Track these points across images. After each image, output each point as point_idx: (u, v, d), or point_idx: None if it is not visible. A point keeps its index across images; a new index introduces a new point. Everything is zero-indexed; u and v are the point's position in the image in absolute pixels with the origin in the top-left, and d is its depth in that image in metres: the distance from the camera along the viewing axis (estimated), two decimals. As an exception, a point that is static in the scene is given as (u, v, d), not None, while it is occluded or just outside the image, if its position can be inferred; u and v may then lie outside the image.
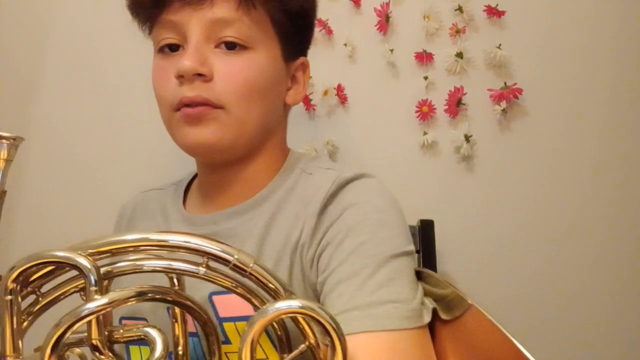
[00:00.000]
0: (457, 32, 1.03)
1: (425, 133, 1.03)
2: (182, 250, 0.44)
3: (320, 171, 0.65)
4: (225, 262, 0.44)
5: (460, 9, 1.02)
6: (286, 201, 0.64)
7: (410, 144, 1.05)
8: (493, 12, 1.02)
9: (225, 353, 0.58)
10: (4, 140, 0.50)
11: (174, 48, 0.61)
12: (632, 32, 1.01)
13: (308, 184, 0.63)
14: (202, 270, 0.45)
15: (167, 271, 0.46)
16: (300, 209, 0.61)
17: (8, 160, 0.50)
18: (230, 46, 0.60)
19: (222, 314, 0.59)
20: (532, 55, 1.02)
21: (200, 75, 0.58)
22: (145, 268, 0.46)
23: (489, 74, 1.03)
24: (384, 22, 1.05)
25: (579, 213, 1.01)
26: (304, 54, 0.71)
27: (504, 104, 1.00)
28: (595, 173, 1.01)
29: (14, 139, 0.50)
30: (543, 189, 1.02)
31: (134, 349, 0.62)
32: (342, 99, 1.06)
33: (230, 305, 0.58)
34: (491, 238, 1.02)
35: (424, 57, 1.04)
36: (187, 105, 0.58)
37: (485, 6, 1.02)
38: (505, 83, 1.01)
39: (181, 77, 0.58)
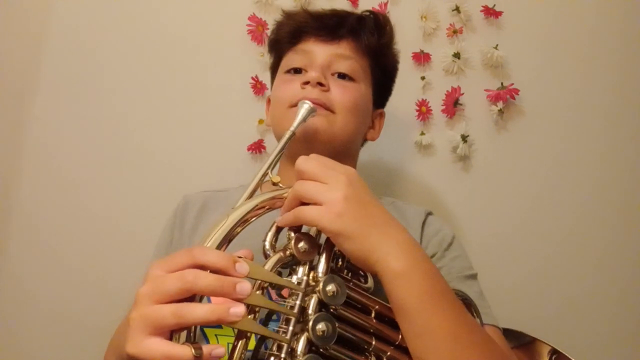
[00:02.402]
0: (455, 32, 1.03)
1: (422, 133, 1.04)
2: None
3: (404, 204, 0.83)
4: None
5: (457, 9, 1.03)
6: None
7: (408, 144, 1.05)
8: (490, 13, 1.02)
9: (215, 335, 0.62)
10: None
11: (297, 71, 0.79)
12: (629, 33, 1.02)
13: (402, 207, 0.80)
14: None
15: None
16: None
17: None
18: (342, 76, 0.78)
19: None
20: (529, 56, 1.03)
21: (321, 85, 0.74)
22: None
23: (486, 74, 1.03)
24: (382, 22, 1.05)
25: (576, 212, 1.01)
26: (383, 107, 0.90)
27: (500, 104, 1.01)
28: (592, 172, 1.01)
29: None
30: (540, 189, 1.02)
31: (209, 332, 0.62)
32: (340, 98, 1.06)
33: None
34: (488, 237, 1.02)
35: (421, 57, 1.04)
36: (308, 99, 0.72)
37: (483, 6, 1.02)
38: (502, 83, 1.01)
39: (306, 84, 0.74)
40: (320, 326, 0.46)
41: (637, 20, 1.03)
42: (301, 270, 0.50)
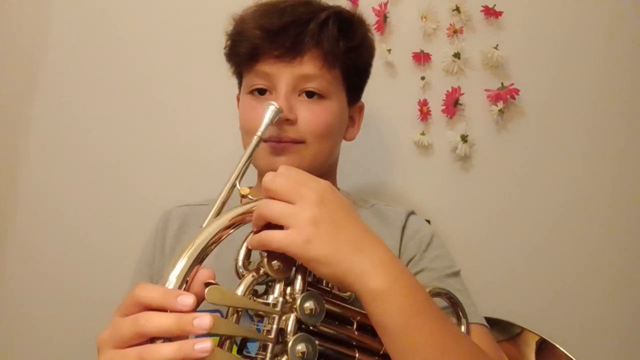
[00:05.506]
0: (455, 32, 1.03)
1: (422, 133, 1.03)
2: None
3: (386, 206, 0.80)
4: None
5: (457, 9, 1.02)
6: None
7: (408, 144, 1.05)
8: (490, 13, 1.02)
9: None
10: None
11: (262, 92, 0.73)
12: (629, 33, 1.02)
13: (383, 211, 0.78)
14: None
15: None
16: (378, 228, 0.67)
17: None
18: (310, 95, 0.72)
19: None
20: (529, 56, 1.02)
21: (287, 120, 0.69)
22: None
23: (486, 74, 1.03)
24: (382, 22, 1.05)
25: (576, 212, 1.01)
26: (360, 98, 0.83)
27: (501, 104, 1.01)
28: (591, 172, 1.01)
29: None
30: (539, 189, 1.02)
31: None
32: (340, 98, 1.06)
33: None
34: (488, 237, 1.02)
35: (421, 57, 1.04)
36: (275, 140, 0.69)
37: (483, 6, 1.02)
38: (502, 83, 1.01)
39: None
40: (300, 347, 0.45)
41: (637, 19, 1.03)
42: (277, 288, 0.48)
